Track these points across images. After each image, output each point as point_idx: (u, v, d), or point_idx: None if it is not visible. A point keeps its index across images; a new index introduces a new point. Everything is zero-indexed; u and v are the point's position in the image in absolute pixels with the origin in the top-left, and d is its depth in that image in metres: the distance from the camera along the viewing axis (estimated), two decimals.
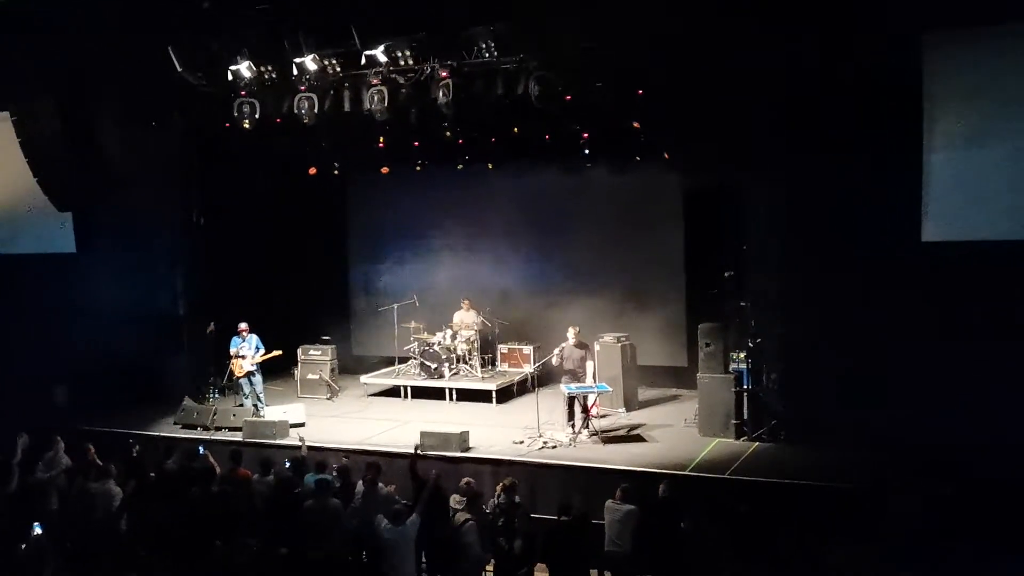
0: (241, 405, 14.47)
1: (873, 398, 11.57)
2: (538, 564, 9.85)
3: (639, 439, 12.81)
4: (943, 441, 10.78)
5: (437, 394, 15.36)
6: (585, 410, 12.76)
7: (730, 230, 13.47)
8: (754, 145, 12.17)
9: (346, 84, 13.36)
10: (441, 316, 16.28)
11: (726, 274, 13.20)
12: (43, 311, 15.56)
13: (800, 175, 12.09)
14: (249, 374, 14.33)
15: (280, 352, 14.63)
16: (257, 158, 16.07)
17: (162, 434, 13.69)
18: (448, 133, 14.61)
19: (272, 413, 13.87)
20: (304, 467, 10.72)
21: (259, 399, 14.38)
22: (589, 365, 13.02)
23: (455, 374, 15.59)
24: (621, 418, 13.87)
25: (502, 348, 16.21)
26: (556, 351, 13.05)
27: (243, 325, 14.38)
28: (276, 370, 16.04)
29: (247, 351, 14.32)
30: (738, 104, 11.94)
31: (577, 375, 13.02)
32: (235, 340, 14.39)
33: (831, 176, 11.84)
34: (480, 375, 15.52)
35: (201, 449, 11.77)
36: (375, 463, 10.60)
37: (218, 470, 10.99)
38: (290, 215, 17.36)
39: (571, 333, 13.10)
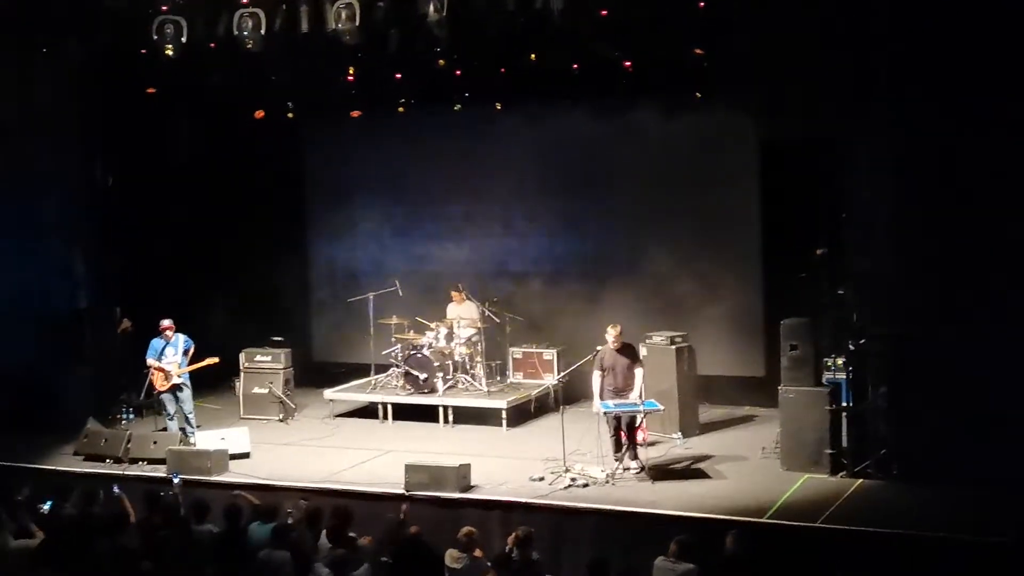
0: (164, 429, 14.43)
1: (1021, 420, 11.43)
2: None
3: (700, 475, 12.75)
4: None
5: (428, 414, 15.33)
6: (630, 436, 12.67)
7: (824, 193, 13.38)
8: (862, 81, 12.04)
9: None
10: (433, 309, 16.23)
11: (818, 251, 13.10)
12: None
13: (925, 120, 11.92)
14: (175, 388, 14.30)
15: (217, 360, 14.62)
16: (185, 97, 16.00)
17: (59, 468, 13.68)
18: (441, 62, 14.53)
19: (206, 440, 13.83)
20: (240, 514, 10.67)
21: (188, 421, 14.36)
22: (639, 375, 12.92)
23: (451, 387, 15.56)
24: (676, 447, 13.80)
25: (515, 352, 16.17)
26: (593, 360, 12.91)
27: (167, 322, 14.34)
28: (211, 382, 16.02)
29: (172, 357, 14.27)
30: (841, 22, 11.77)
31: (620, 391, 12.90)
32: (156, 343, 14.34)
33: (972, 122, 11.67)
34: (485, 389, 15.48)
35: (116, 488, 11.73)
36: (344, 508, 10.56)
37: (133, 517, 10.94)
38: (229, 174, 17.32)
39: (611, 334, 12.92)
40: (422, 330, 15.93)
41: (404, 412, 15.50)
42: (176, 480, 11.86)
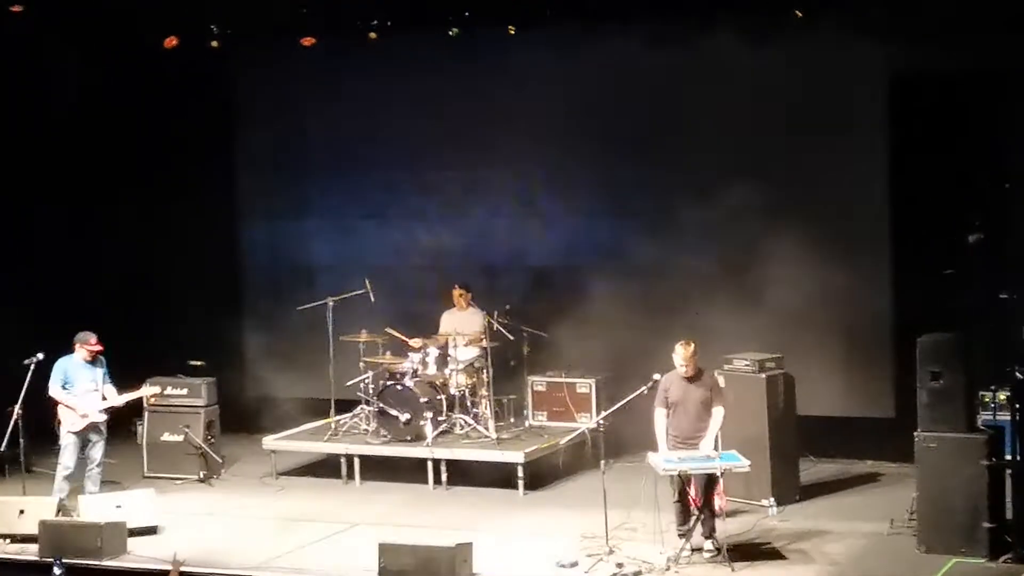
0: (64, 495, 14.40)
1: None
2: None
3: (801, 558, 12.73)
4: None
5: (412, 471, 15.39)
6: (704, 503, 12.70)
7: (981, 151, 13.39)
8: None
9: None
10: (418, 321, 16.31)
11: (971, 238, 13.07)
12: None
13: None
14: (91, 428, 14.47)
15: (158, 390, 14.94)
16: (66, 19, 16.03)
17: None
18: None
19: (96, 508, 13.86)
20: None
21: (93, 477, 14.47)
22: (718, 416, 12.94)
23: (445, 432, 15.61)
24: (768, 518, 13.85)
25: (536, 383, 16.28)
26: (650, 392, 12.91)
27: (93, 338, 14.46)
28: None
29: (88, 384, 14.42)
30: None
31: (688, 438, 12.94)
32: (68, 364, 14.43)
33: None
34: (494, 435, 15.53)
35: None
36: None
37: None
38: (128, 127, 17.37)
39: (680, 355, 12.85)
40: (403, 350, 15.96)
41: (378, 468, 15.56)
42: (59, 572, 11.90)
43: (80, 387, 14.43)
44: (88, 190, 17.30)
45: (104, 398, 14.53)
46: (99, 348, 14.51)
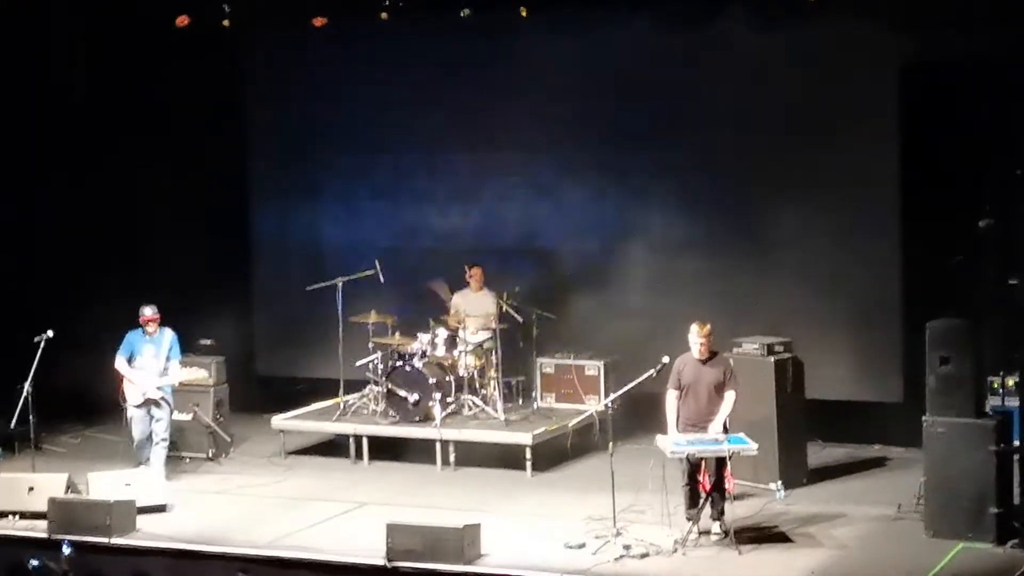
0: (144, 462, 14.59)
1: None
2: None
3: (808, 542, 12.74)
4: None
5: (421, 452, 15.44)
6: (713, 486, 12.73)
7: (992, 139, 13.37)
8: None
9: None
10: (427, 302, 16.34)
11: (981, 224, 13.06)
12: None
13: None
14: (151, 404, 14.66)
15: (205, 374, 15.20)
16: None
17: None
18: None
19: (104, 486, 13.88)
20: None
21: (161, 449, 14.61)
22: (729, 400, 12.95)
23: (453, 413, 15.66)
24: (775, 501, 13.86)
25: (544, 365, 16.32)
26: (660, 374, 12.91)
27: (149, 312, 14.61)
28: (107, 405, 16.11)
29: (151, 360, 14.55)
30: None
31: (700, 421, 12.91)
32: (132, 339, 14.61)
33: None
34: (502, 416, 15.56)
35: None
36: None
37: None
38: (138, 106, 17.38)
39: (696, 335, 12.90)
40: (412, 331, 15.98)
41: (386, 448, 15.59)
42: (68, 552, 11.89)
43: (141, 361, 14.60)
44: (97, 169, 17.29)
45: (167, 373, 14.66)
46: (148, 318, 14.59)
